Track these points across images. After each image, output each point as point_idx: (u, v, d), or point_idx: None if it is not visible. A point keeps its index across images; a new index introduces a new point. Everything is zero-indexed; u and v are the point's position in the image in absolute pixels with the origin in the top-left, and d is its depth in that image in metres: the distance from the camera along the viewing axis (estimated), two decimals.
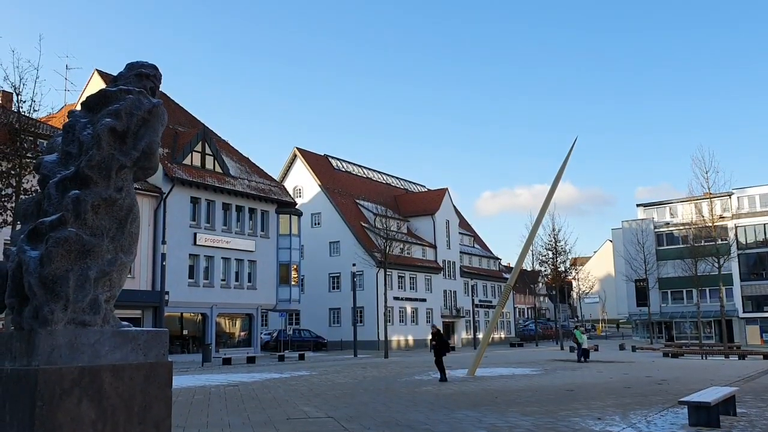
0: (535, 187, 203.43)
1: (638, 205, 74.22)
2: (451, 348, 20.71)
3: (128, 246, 4.74)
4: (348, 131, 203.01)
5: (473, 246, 75.15)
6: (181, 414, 11.75)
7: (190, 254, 37.24)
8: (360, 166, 68.30)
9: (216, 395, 15.76)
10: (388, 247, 42.92)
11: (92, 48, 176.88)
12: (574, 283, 79.93)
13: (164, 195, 35.73)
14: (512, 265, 59.50)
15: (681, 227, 63.14)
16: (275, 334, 48.10)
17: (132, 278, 32.21)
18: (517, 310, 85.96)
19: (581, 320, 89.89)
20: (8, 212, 22.58)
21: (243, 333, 41.86)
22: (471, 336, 63.19)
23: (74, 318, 4.34)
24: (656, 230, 70.02)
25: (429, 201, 66.12)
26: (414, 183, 76.95)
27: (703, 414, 10.29)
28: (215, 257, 38.70)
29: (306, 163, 58.28)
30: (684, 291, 65.08)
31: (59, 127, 25.30)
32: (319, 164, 60.62)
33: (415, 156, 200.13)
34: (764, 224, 64.48)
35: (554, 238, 55.48)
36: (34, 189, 19.45)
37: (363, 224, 56.13)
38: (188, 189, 37.33)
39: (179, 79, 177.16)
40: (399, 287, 56.05)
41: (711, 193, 48.44)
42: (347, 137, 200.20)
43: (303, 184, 57.90)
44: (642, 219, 71.56)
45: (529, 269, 66.65)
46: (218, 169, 40.21)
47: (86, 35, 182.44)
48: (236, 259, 40.14)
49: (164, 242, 32.86)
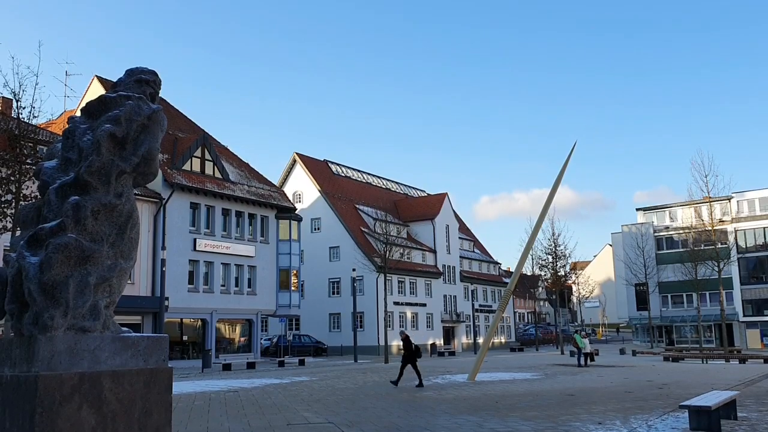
0: (533, 192, 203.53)
1: (638, 209, 74.16)
2: (419, 354, 20.88)
3: (128, 252, 4.74)
4: (348, 137, 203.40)
5: (473, 251, 75.14)
6: (181, 420, 11.73)
7: (190, 260, 37.20)
8: (360, 171, 68.28)
9: (216, 401, 15.72)
10: (388, 252, 42.87)
11: (92, 54, 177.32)
12: (574, 288, 79.89)
13: (164, 201, 35.71)
14: (512, 270, 59.50)
15: (681, 231, 63.04)
16: (275, 340, 48.07)
17: (132, 284, 32.17)
18: (518, 315, 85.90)
19: (582, 324, 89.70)
20: (8, 218, 22.52)
21: (243, 339, 41.78)
22: (471, 341, 63.07)
23: (74, 324, 4.33)
24: (656, 234, 70.01)
25: (429, 206, 66.16)
26: (414, 188, 76.86)
27: (704, 418, 10.27)
28: (215, 263, 38.67)
29: (306, 169, 58.33)
30: (684, 295, 65.07)
31: (59, 134, 25.22)
32: (319, 169, 60.67)
33: (415, 161, 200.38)
34: (764, 228, 64.49)
35: (554, 243, 55.41)
36: (34, 195, 19.38)
37: (363, 229, 56.11)
38: (188, 194, 37.31)
39: (179, 85, 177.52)
40: (399, 292, 56.04)
41: (710, 197, 48.40)
42: (347, 142, 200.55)
43: (303, 190, 57.92)
44: (642, 223, 71.54)
45: (529, 274, 66.70)
46: (218, 175, 40.22)
47: (86, 42, 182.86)
48: (236, 265, 40.11)
49: (164, 248, 32.84)
